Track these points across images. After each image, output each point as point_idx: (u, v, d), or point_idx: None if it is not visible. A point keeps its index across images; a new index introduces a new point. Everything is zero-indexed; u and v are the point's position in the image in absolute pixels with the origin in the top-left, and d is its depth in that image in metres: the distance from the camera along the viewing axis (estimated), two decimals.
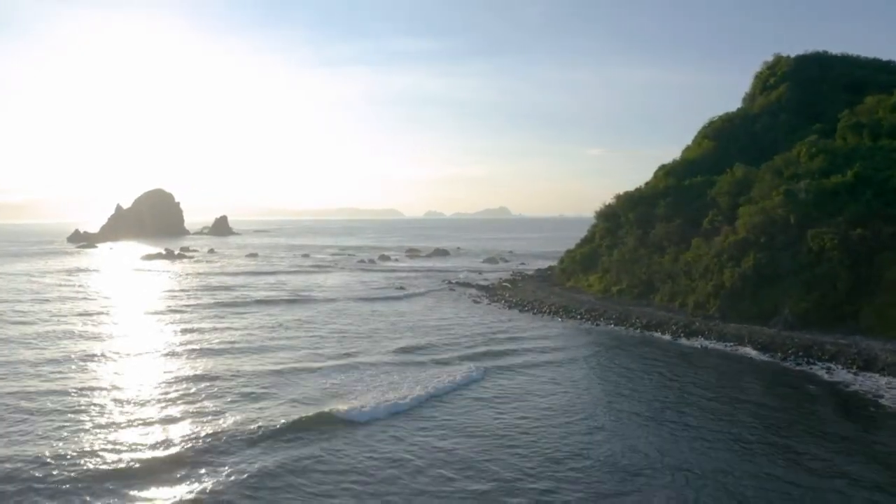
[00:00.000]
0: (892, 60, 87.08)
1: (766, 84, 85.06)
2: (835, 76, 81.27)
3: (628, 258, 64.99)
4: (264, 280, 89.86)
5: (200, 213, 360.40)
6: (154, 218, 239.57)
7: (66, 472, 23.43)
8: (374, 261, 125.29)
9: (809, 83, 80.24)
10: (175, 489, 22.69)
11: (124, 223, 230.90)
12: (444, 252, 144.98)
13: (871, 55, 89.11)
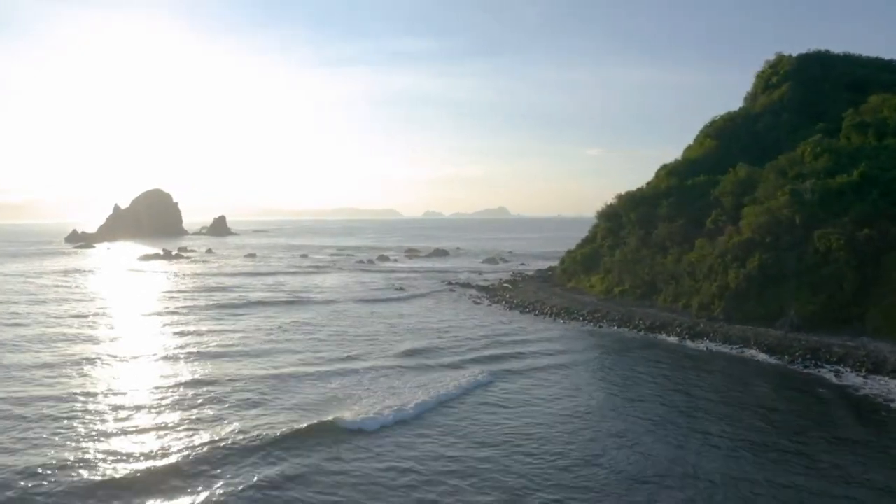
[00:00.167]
0: (895, 60, 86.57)
1: (768, 83, 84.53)
2: (837, 75, 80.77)
3: (630, 258, 64.29)
4: (262, 281, 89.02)
5: (200, 213, 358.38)
6: (152, 218, 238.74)
7: (57, 483, 22.62)
8: (373, 261, 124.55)
9: (811, 82, 79.75)
10: (171, 502, 21.86)
11: (122, 223, 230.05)
12: (443, 252, 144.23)
13: (872, 55, 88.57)
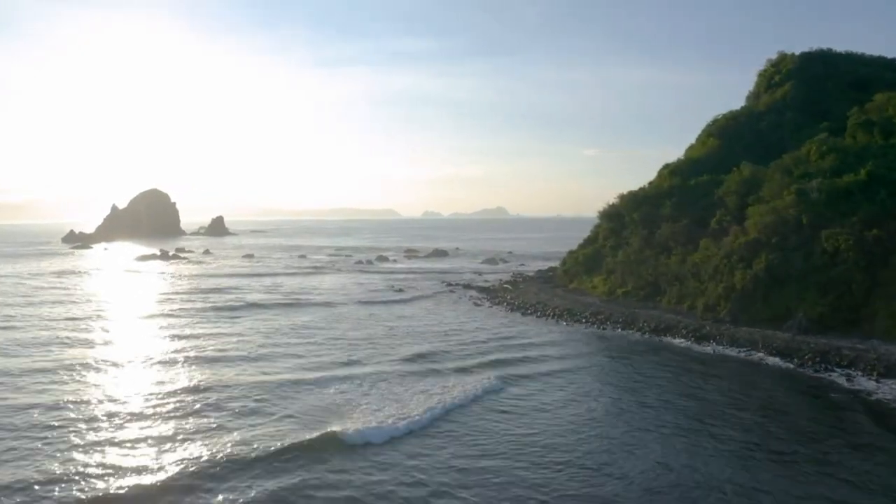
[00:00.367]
0: None
1: (770, 82, 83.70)
2: (839, 74, 79.94)
3: (633, 259, 63.34)
4: (260, 282, 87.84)
5: (200, 213, 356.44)
6: (150, 218, 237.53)
7: (43, 499, 21.53)
8: (372, 261, 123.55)
9: (814, 81, 78.92)
10: None
11: (120, 223, 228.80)
12: (442, 253, 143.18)
13: (874, 54, 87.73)
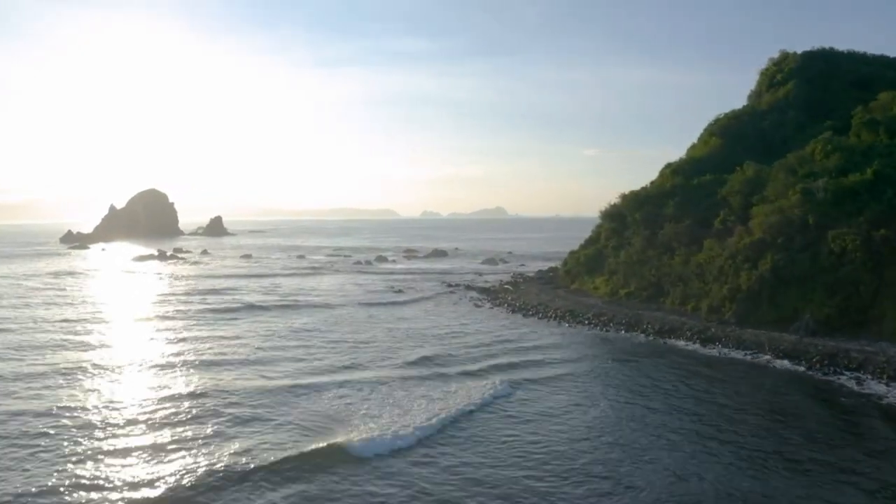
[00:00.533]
0: None
1: (772, 81, 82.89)
2: (842, 73, 79.19)
3: (636, 260, 62.61)
4: (258, 283, 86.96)
5: (200, 213, 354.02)
6: (148, 218, 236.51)
7: None
8: (371, 262, 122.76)
9: (817, 80, 78.13)
10: None
11: (118, 224, 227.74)
12: (442, 253, 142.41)
13: (875, 53, 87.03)
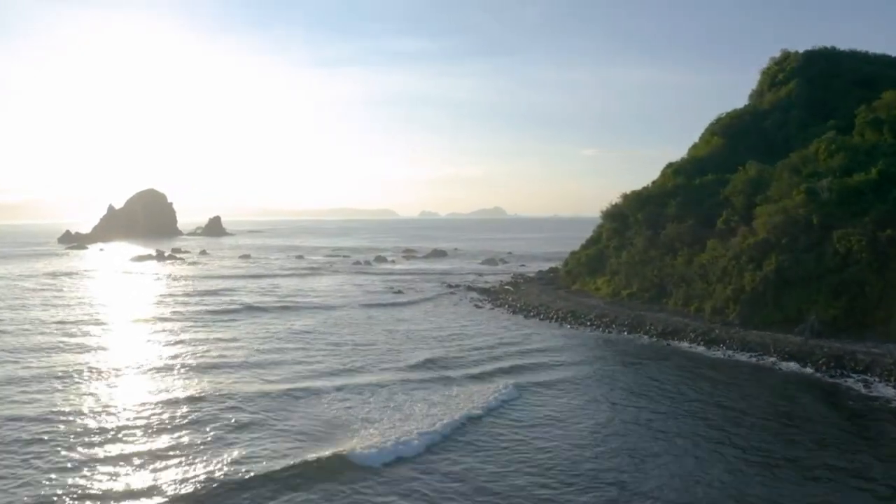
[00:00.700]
0: None
1: (774, 80, 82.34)
2: (844, 72, 78.60)
3: (638, 260, 62.03)
4: (256, 283, 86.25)
5: (199, 213, 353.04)
6: (146, 218, 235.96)
7: None
8: (370, 262, 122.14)
9: (819, 79, 77.53)
10: None
11: (116, 224, 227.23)
12: (441, 253, 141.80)
13: (877, 52, 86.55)
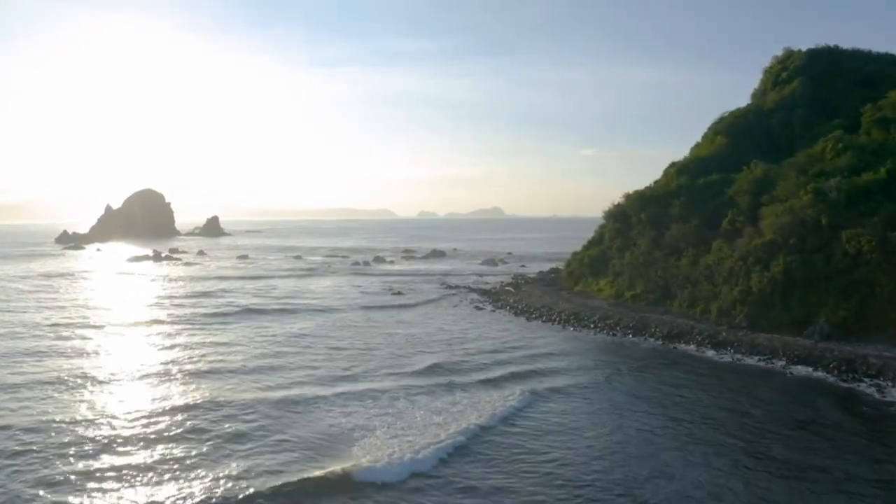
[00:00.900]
0: None
1: (777, 79, 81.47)
2: (847, 71, 77.77)
3: (642, 261, 61.07)
4: (253, 285, 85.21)
5: (198, 213, 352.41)
6: (144, 218, 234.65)
7: None
8: (369, 263, 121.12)
9: (822, 77, 76.61)
10: None
11: (114, 224, 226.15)
12: (440, 253, 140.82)
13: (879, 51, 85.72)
